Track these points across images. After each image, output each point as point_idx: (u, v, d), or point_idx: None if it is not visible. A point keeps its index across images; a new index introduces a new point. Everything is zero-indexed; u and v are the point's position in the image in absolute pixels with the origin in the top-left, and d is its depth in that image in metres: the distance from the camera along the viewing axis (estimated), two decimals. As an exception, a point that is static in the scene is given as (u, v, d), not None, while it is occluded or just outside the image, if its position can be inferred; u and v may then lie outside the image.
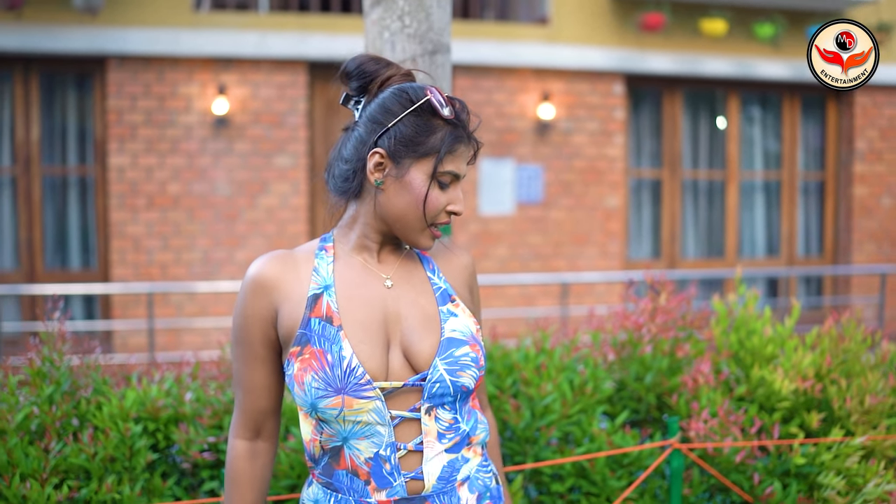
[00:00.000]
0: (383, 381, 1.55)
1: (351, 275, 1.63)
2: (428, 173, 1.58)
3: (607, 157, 8.63)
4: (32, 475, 2.25)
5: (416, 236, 1.62)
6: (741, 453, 2.44)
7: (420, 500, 1.57)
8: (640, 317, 2.80)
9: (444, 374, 1.56)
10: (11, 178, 7.81)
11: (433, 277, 1.68)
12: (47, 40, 7.48)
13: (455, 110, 1.60)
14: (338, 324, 1.56)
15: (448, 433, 1.59)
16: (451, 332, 1.60)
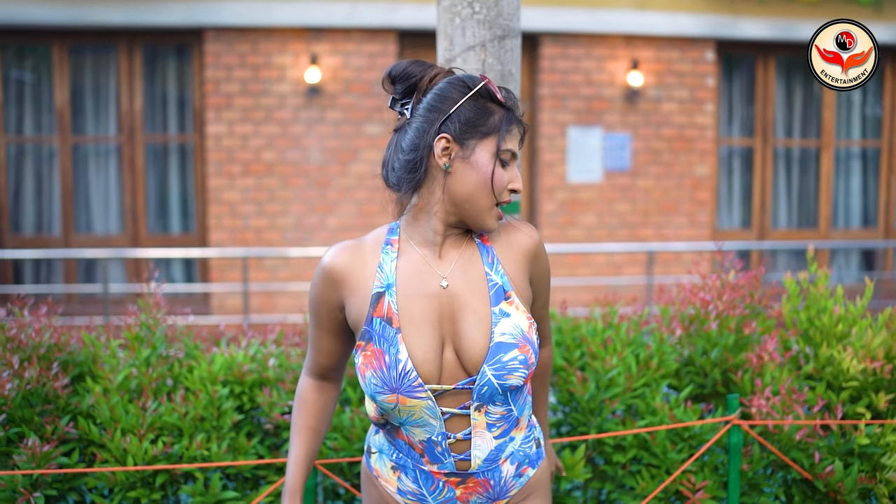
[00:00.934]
0: (435, 383, 1.66)
1: (411, 273, 1.72)
2: (492, 152, 1.68)
3: (697, 125, 8.52)
4: (132, 431, 2.45)
5: (484, 217, 1.70)
6: (802, 431, 2.48)
7: (467, 475, 1.72)
8: (708, 293, 2.84)
9: (491, 379, 1.66)
10: (117, 146, 8.19)
11: (490, 273, 1.73)
12: (149, 14, 7.79)
13: (505, 95, 1.72)
14: (396, 325, 1.67)
15: (498, 422, 1.72)
16: (500, 336, 1.67)
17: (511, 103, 1.72)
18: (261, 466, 2.56)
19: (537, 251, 1.81)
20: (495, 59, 2.37)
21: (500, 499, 1.77)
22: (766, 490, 2.61)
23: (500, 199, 1.71)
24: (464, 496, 1.74)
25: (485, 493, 1.74)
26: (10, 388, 2.47)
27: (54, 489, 2.44)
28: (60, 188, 8.15)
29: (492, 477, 1.73)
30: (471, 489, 1.73)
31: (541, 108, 8.31)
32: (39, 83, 8.13)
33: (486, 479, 1.73)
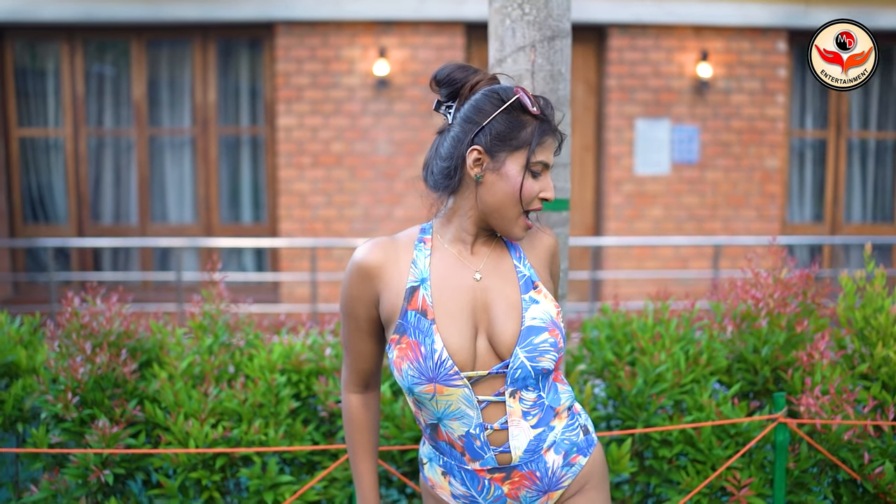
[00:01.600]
0: (470, 370, 1.72)
1: (445, 267, 1.79)
2: (522, 164, 1.73)
3: (768, 116, 8.38)
4: (194, 415, 2.58)
5: (511, 226, 1.77)
6: (850, 431, 2.47)
7: (510, 469, 1.75)
8: (760, 290, 2.84)
9: (524, 361, 1.72)
10: (191, 138, 8.44)
11: (519, 265, 1.83)
12: (222, 9, 7.99)
13: (540, 106, 1.75)
14: (431, 317, 1.73)
15: (532, 410, 1.76)
16: (531, 321, 1.75)
17: (545, 114, 1.76)
18: (316, 452, 2.66)
19: (555, 250, 1.92)
20: (545, 60, 2.42)
21: (552, 490, 1.79)
22: (815, 489, 2.61)
23: (530, 208, 1.77)
24: (512, 492, 1.77)
25: (533, 487, 1.77)
26: (82, 372, 2.62)
27: (122, 468, 2.59)
28: (137, 179, 8.43)
29: (537, 468, 1.76)
30: (517, 483, 1.76)
31: (608, 100, 8.28)
32: (118, 77, 8.42)
33: (531, 471, 1.76)
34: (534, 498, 1.79)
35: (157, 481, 2.67)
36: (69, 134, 8.39)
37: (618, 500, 2.77)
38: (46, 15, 7.94)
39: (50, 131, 8.45)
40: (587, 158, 8.55)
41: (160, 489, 2.62)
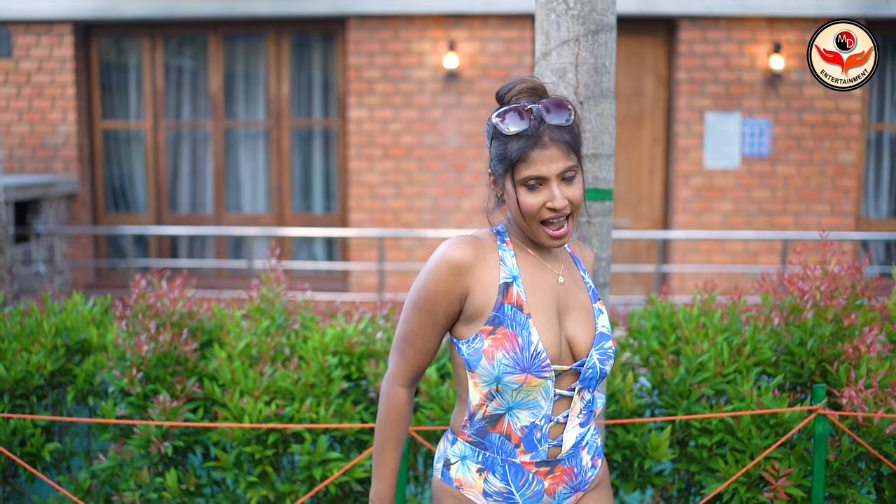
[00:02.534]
0: (557, 364, 1.82)
1: (531, 268, 1.89)
2: (513, 182, 1.81)
3: (842, 109, 8.20)
4: (249, 392, 2.72)
5: (536, 237, 1.85)
6: (892, 425, 2.47)
7: (554, 462, 1.86)
8: (807, 283, 2.84)
9: (596, 362, 1.85)
10: (265, 129, 8.67)
11: (585, 277, 1.97)
12: (296, 4, 8.18)
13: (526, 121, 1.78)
14: (527, 312, 1.82)
15: (584, 409, 1.89)
16: (601, 328, 1.89)
17: (529, 129, 1.77)
18: (364, 431, 2.77)
19: (594, 264, 2.09)
20: (589, 53, 2.47)
21: (580, 490, 1.91)
22: (856, 483, 2.61)
23: (542, 219, 1.82)
24: (551, 488, 1.86)
25: (569, 482, 1.88)
26: (147, 350, 2.78)
27: (181, 441, 2.74)
28: (213, 169, 8.71)
29: (575, 464, 1.89)
30: (557, 479, 1.86)
31: (678, 92, 8.21)
32: (196, 71, 8.70)
33: (571, 465, 1.88)
34: (566, 495, 1.89)
35: (214, 455, 2.82)
36: (149, 126, 8.71)
37: (659, 486, 2.82)
38: (130, 12, 8.25)
39: (131, 123, 8.78)
40: (656, 151, 8.51)
41: (216, 462, 2.77)
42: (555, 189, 1.79)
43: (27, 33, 8.45)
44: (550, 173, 1.78)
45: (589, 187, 2.50)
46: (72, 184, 8.47)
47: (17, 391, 2.95)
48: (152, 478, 2.78)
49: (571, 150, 1.81)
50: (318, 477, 2.65)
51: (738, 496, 2.60)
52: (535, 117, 1.78)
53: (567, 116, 1.81)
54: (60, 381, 3.10)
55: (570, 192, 1.81)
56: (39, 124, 8.57)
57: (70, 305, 3.23)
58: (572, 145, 1.82)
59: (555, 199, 1.78)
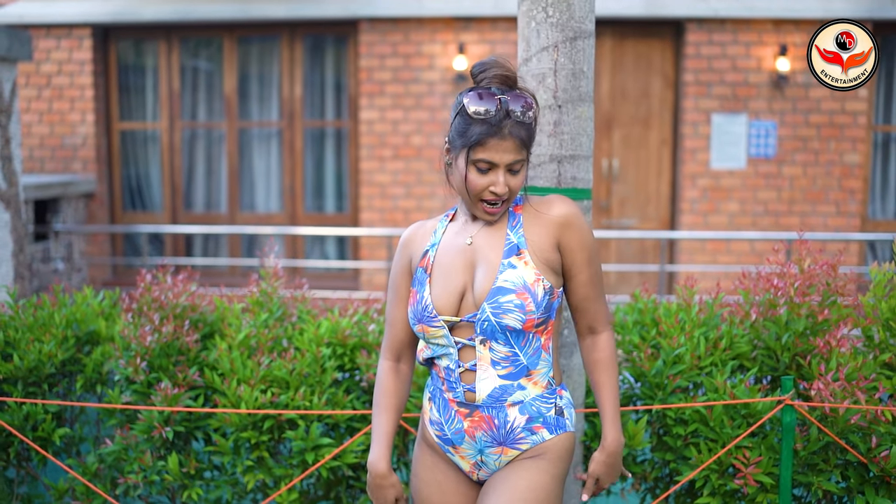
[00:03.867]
0: (448, 315, 2.03)
1: (452, 235, 2.13)
2: (466, 160, 2.00)
3: (849, 111, 8.27)
4: (246, 381, 2.86)
5: (473, 209, 2.07)
6: (857, 415, 2.58)
7: (473, 406, 2.05)
8: (782, 280, 2.95)
9: (489, 316, 1.99)
10: (278, 130, 8.84)
11: (510, 233, 2.07)
12: (309, 8, 8.35)
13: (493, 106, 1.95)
14: (429, 272, 2.09)
15: (503, 362, 2.02)
16: (502, 282, 2.00)
17: (493, 119, 1.95)
18: (355, 419, 2.91)
19: (566, 221, 2.07)
20: (567, 59, 2.59)
21: (507, 445, 2.05)
22: (825, 471, 2.72)
23: (482, 198, 2.02)
24: (470, 429, 2.06)
25: (489, 432, 2.04)
26: (150, 340, 2.94)
27: (182, 426, 2.89)
28: (227, 169, 8.89)
29: (496, 416, 2.03)
30: (476, 423, 2.05)
31: (685, 94, 8.31)
32: (210, 73, 8.88)
33: (490, 416, 2.03)
34: (488, 444, 2.06)
35: (214, 440, 2.97)
36: (165, 127, 8.90)
37: (638, 474, 2.94)
38: (147, 15, 8.44)
39: (148, 124, 8.98)
40: (664, 152, 8.60)
41: (216, 447, 2.92)
42: (500, 176, 1.99)
43: (47, 37, 8.67)
44: (501, 161, 1.98)
45: (567, 187, 2.62)
46: (90, 183, 8.68)
47: (30, 379, 3.12)
48: (155, 461, 2.94)
49: (524, 146, 2.01)
50: (311, 461, 2.79)
51: (710, 483, 2.72)
52: (502, 108, 1.95)
53: (529, 115, 1.99)
54: (70, 370, 3.26)
55: (513, 181, 2.02)
56: (59, 125, 8.78)
57: (80, 299, 3.40)
58: (526, 142, 2.01)
59: (498, 185, 1.99)
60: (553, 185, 2.61)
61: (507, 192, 2.00)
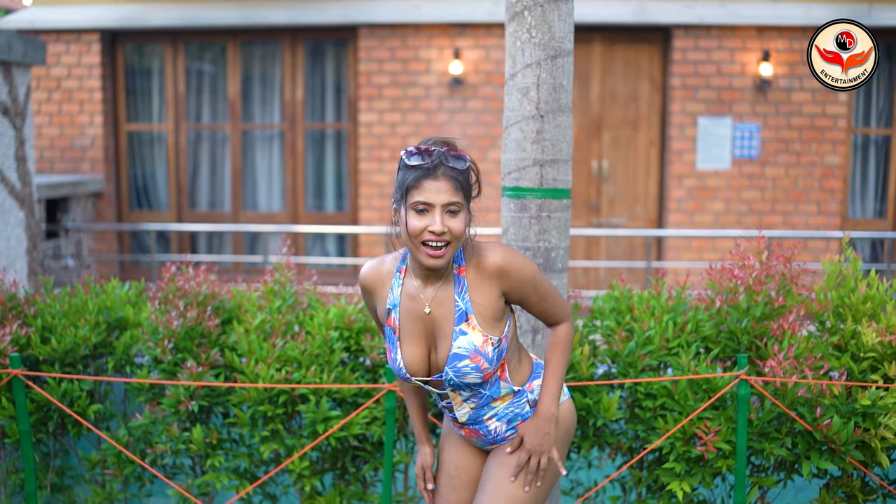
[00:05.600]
0: (419, 376, 2.34)
1: (408, 298, 2.31)
2: (405, 205, 2.16)
3: (829, 114, 8.61)
4: (263, 360, 3.20)
5: (418, 257, 2.18)
6: (803, 389, 2.92)
7: (462, 424, 2.45)
8: (741, 271, 3.29)
9: (452, 377, 2.30)
10: (280, 132, 9.17)
11: (458, 300, 2.25)
12: (310, 14, 8.68)
13: (427, 157, 2.14)
14: (398, 335, 2.34)
15: (471, 398, 2.38)
16: (456, 349, 2.25)
17: (428, 163, 2.12)
18: (360, 394, 3.25)
19: (501, 270, 2.25)
20: (548, 75, 2.93)
21: (496, 443, 2.47)
22: (777, 439, 3.06)
23: (423, 240, 2.14)
24: (469, 435, 2.49)
25: (480, 439, 2.47)
26: (176, 324, 3.27)
27: (205, 401, 3.23)
28: (231, 170, 9.22)
29: (480, 429, 2.44)
30: (469, 433, 2.48)
31: (672, 98, 8.65)
32: (215, 77, 9.21)
33: (476, 429, 2.44)
34: (484, 444, 2.49)
35: (234, 414, 3.30)
36: (171, 128, 9.23)
37: (613, 444, 3.27)
38: (153, 21, 8.77)
39: (154, 126, 9.31)
40: (652, 154, 8.95)
41: (235, 420, 3.25)
42: (437, 216, 2.11)
43: (58, 42, 8.99)
44: (437, 202, 2.12)
45: (549, 187, 2.96)
46: (98, 183, 9.00)
47: (66, 360, 3.45)
48: (181, 433, 3.27)
49: (460, 190, 2.16)
50: (321, 432, 3.13)
51: (675, 450, 3.06)
52: (435, 157, 2.14)
53: (463, 164, 2.18)
54: (102, 352, 3.59)
55: (452, 223, 2.13)
56: (68, 127, 9.11)
57: (109, 288, 3.73)
58: (462, 186, 2.17)
59: (435, 224, 2.11)
60: (536, 186, 2.95)
61: (447, 232, 2.12)
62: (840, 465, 3.00)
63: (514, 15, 2.94)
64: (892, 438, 2.91)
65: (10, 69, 6.81)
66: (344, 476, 3.41)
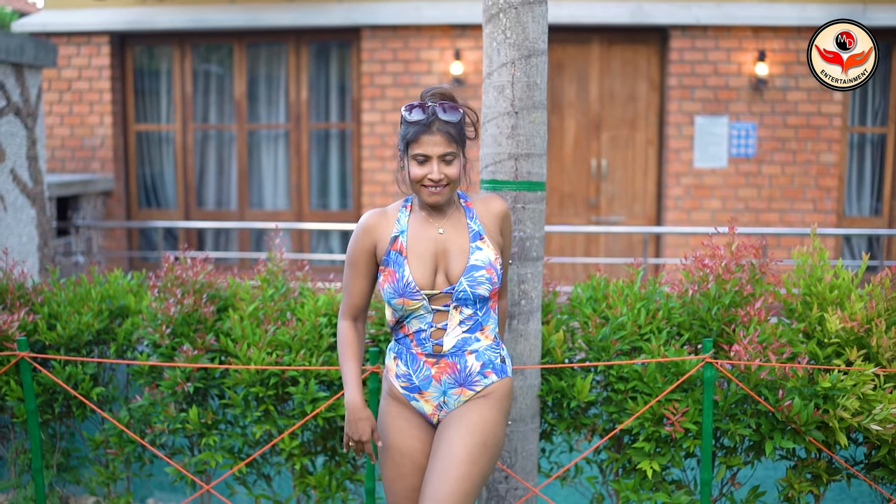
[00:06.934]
0: (427, 290, 2.51)
1: (417, 225, 2.59)
2: (407, 155, 2.50)
3: (824, 113, 8.74)
4: (255, 345, 3.37)
5: (421, 196, 2.52)
6: (765, 372, 3.08)
7: (439, 356, 2.55)
8: (711, 261, 3.45)
9: (466, 288, 2.50)
10: (285, 132, 9.37)
11: (471, 223, 2.58)
12: (314, 16, 8.87)
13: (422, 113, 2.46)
14: (405, 255, 2.53)
15: (467, 321, 2.54)
16: (474, 261, 2.52)
17: (424, 119, 2.46)
18: (347, 378, 3.42)
19: (505, 214, 2.65)
20: (522, 73, 3.10)
21: (465, 386, 2.56)
22: (742, 420, 3.21)
23: (423, 184, 2.49)
24: (437, 375, 2.55)
25: (452, 376, 2.55)
26: (174, 311, 3.46)
27: (201, 383, 3.41)
28: (237, 169, 9.42)
29: (458, 362, 2.55)
30: (442, 369, 2.55)
31: (669, 97, 8.80)
32: (221, 78, 9.42)
33: (454, 362, 2.55)
34: (451, 385, 2.56)
35: (229, 395, 3.48)
36: (178, 128, 9.44)
37: (588, 425, 3.44)
38: (161, 24, 8.98)
39: (162, 126, 9.52)
40: (650, 152, 9.10)
41: (229, 401, 3.43)
42: (434, 166, 2.47)
43: (68, 44, 9.21)
44: (433, 153, 2.47)
45: (523, 180, 3.13)
46: (108, 182, 9.22)
47: (71, 346, 3.64)
48: (178, 413, 3.46)
49: (454, 141, 2.49)
50: (309, 411, 3.30)
51: (645, 430, 3.22)
52: (430, 112, 2.46)
53: (456, 117, 2.50)
54: (104, 338, 3.78)
55: (448, 170, 2.49)
56: (79, 127, 9.33)
57: (112, 278, 3.92)
58: (455, 137, 2.50)
59: (433, 173, 2.47)
60: (511, 179, 3.12)
61: (444, 178, 2.48)
62: (801, 444, 3.16)
63: (491, 17, 3.11)
64: (850, 419, 3.06)
65: (21, 71, 7.02)
66: (334, 458, 3.59)
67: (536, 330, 3.22)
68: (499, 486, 3.28)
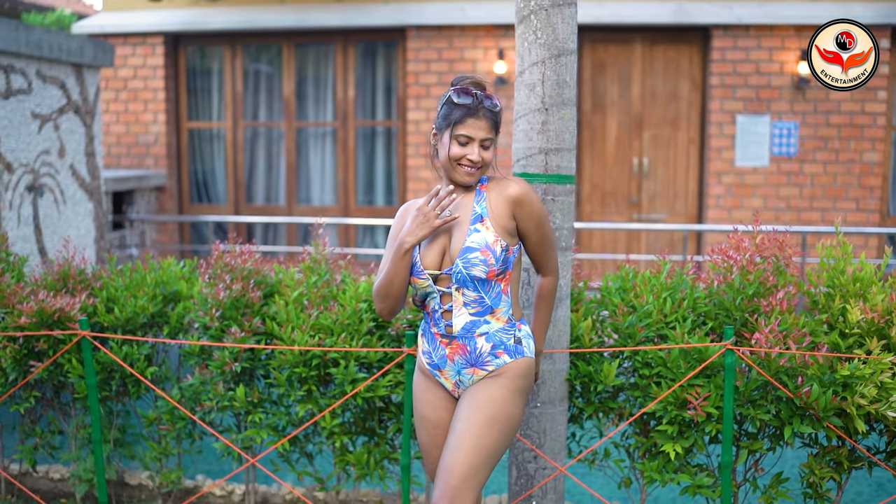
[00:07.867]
0: (431, 269, 2.70)
1: None
2: (450, 135, 2.66)
3: (868, 112, 8.72)
4: (299, 328, 3.57)
5: (453, 175, 2.69)
6: (785, 359, 3.19)
7: (451, 337, 2.72)
8: (736, 252, 3.57)
9: (461, 269, 2.64)
10: (333, 130, 9.60)
11: (475, 206, 2.71)
12: (361, 16, 9.09)
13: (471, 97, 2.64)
14: None
15: (472, 304, 2.69)
16: (469, 242, 2.65)
17: (471, 104, 2.63)
18: (384, 358, 3.60)
19: (518, 198, 2.71)
20: (552, 72, 3.25)
21: (477, 367, 2.70)
22: (763, 406, 3.33)
23: (460, 163, 2.66)
24: (451, 355, 2.72)
25: (464, 356, 2.70)
26: (223, 296, 3.68)
27: (248, 363, 3.63)
28: (285, 165, 9.68)
29: (468, 344, 2.69)
30: (454, 350, 2.71)
31: (711, 97, 8.85)
32: (271, 77, 9.69)
33: (464, 343, 2.70)
34: (463, 365, 2.72)
35: (274, 376, 3.69)
36: (229, 126, 9.73)
37: (615, 409, 3.58)
38: (213, 25, 9.27)
39: (213, 124, 9.82)
40: (691, 151, 9.16)
41: (274, 381, 3.64)
42: (475, 148, 2.66)
43: (124, 45, 9.55)
44: (476, 136, 2.65)
45: (553, 173, 3.28)
46: (161, 177, 9.54)
47: (127, 328, 3.88)
48: (226, 392, 3.68)
49: (493, 128, 2.69)
50: (349, 391, 3.49)
51: (668, 413, 3.35)
52: (478, 98, 2.65)
53: (497, 107, 2.70)
54: (158, 321, 4.01)
55: (486, 154, 2.68)
56: (134, 125, 9.67)
57: (165, 265, 4.16)
58: (495, 125, 2.70)
59: (473, 154, 2.66)
60: (541, 172, 3.28)
61: (481, 161, 2.66)
62: (820, 430, 3.27)
63: (522, 18, 3.28)
64: (867, 406, 3.17)
65: (81, 71, 7.34)
66: (373, 438, 3.78)
67: (565, 316, 3.38)
68: (528, 466, 3.45)
